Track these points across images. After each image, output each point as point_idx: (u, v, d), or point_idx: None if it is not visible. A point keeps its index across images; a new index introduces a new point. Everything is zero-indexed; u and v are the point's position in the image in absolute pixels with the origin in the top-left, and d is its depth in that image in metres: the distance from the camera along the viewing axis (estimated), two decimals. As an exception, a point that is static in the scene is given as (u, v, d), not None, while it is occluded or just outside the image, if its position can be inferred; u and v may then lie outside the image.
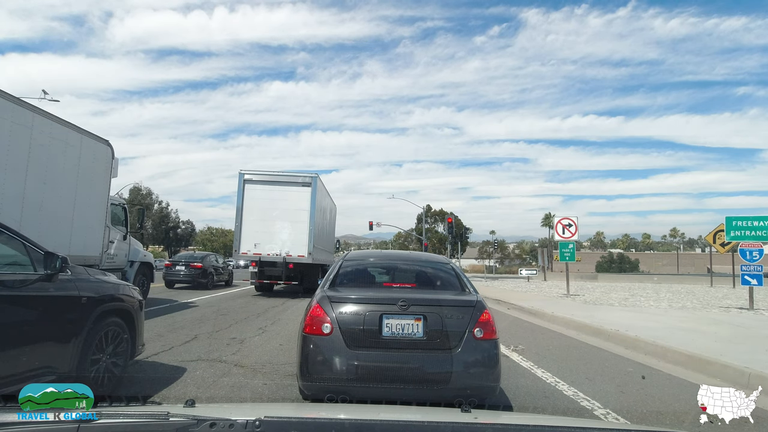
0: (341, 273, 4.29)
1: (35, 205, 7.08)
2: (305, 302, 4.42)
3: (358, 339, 3.39)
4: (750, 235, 11.39)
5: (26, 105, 7.22)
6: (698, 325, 8.73)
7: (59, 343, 3.39)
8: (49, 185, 7.48)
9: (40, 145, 7.24)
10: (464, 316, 3.52)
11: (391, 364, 3.35)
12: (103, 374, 3.76)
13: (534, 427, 1.67)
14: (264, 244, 14.26)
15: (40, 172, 7.26)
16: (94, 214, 9.00)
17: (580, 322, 8.84)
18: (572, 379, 4.89)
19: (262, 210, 14.43)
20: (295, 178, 14.94)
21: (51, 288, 3.35)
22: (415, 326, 3.44)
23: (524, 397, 4.22)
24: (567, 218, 15.46)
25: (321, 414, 1.94)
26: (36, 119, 7.28)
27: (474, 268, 60.26)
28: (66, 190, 8.01)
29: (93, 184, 9.01)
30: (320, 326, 3.43)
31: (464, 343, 3.40)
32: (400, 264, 4.95)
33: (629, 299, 14.91)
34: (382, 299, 3.62)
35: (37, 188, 7.18)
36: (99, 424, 1.35)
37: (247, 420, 1.38)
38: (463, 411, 1.76)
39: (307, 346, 3.44)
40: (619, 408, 3.90)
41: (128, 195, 51.20)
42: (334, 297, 3.61)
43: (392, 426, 1.63)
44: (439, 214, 62.56)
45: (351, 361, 3.33)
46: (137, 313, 4.28)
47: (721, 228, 24.44)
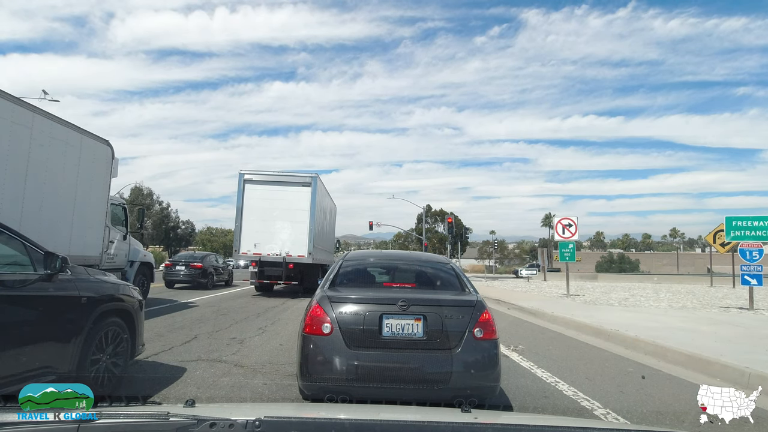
0: (341, 273, 4.26)
1: (35, 205, 7.10)
2: (305, 302, 4.34)
3: (358, 339, 3.37)
4: (750, 235, 11.38)
5: (26, 105, 7.20)
6: (698, 325, 8.74)
7: (59, 343, 3.38)
8: (49, 185, 7.49)
9: (40, 146, 7.24)
10: (464, 316, 3.49)
11: (391, 364, 3.33)
12: (103, 374, 3.75)
13: (534, 427, 1.67)
14: (264, 244, 14.18)
15: (40, 172, 7.26)
16: (94, 214, 9.01)
17: (580, 322, 8.85)
18: (572, 379, 4.89)
19: (262, 210, 14.33)
20: (295, 178, 14.86)
21: (51, 288, 3.35)
22: (415, 326, 3.42)
23: (524, 397, 4.22)
24: (567, 218, 15.46)
25: (321, 414, 1.95)
26: (36, 119, 7.27)
27: (474, 268, 60.26)
28: (66, 191, 8.03)
29: (93, 184, 9.01)
30: (320, 326, 3.41)
31: (464, 343, 3.38)
32: (400, 264, 4.94)
33: (629, 299, 14.91)
34: (381, 299, 3.60)
35: (37, 188, 7.19)
36: (99, 424, 1.35)
37: (247, 420, 1.38)
38: (463, 411, 1.76)
39: (307, 346, 3.43)
40: (619, 408, 3.90)
41: (129, 195, 51.14)
42: (334, 297, 3.59)
43: (392, 426, 1.63)
44: (439, 214, 62.59)
45: (351, 361, 3.31)
46: (137, 313, 4.28)
47: (721, 228, 24.40)
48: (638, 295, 16.91)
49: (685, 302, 13.98)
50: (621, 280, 33.24)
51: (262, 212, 14.33)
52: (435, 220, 63.49)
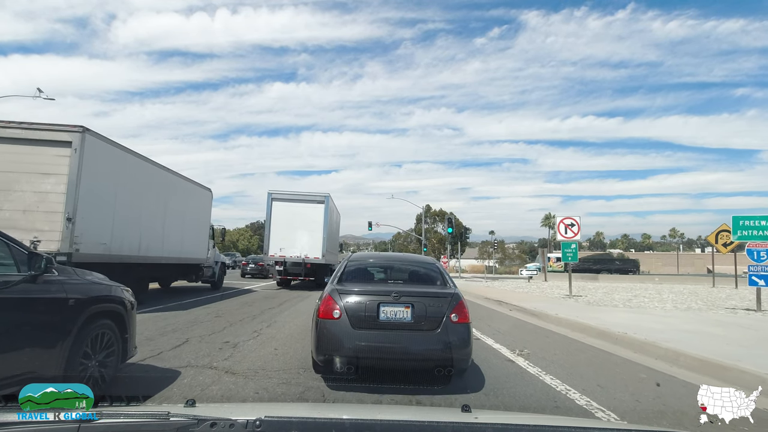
0: (347, 271, 5.08)
1: (173, 226, 12.72)
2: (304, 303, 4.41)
3: (361, 322, 4.20)
4: (757, 235, 11.12)
5: (169, 170, 12.61)
6: (706, 327, 8.48)
7: (44, 347, 3.24)
8: (179, 215, 13.26)
9: (174, 192, 12.96)
10: (443, 304, 4.33)
11: (386, 342, 4.16)
12: (93, 378, 3.62)
13: (534, 427, 1.65)
14: (288, 248, 17.87)
15: (175, 207, 12.86)
16: (203, 233, 15.50)
17: (586, 324, 8.59)
18: (583, 386, 4.62)
19: (285, 222, 18.07)
20: (311, 197, 18.67)
21: (35, 289, 3.23)
22: (405, 312, 4.24)
23: (534, 406, 3.96)
24: (569, 218, 15.20)
25: (322, 414, 1.95)
26: (175, 179, 13.03)
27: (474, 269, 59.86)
28: (190, 218, 14.10)
29: (201, 215, 15.37)
30: (331, 312, 4.25)
31: (443, 326, 4.21)
32: (395, 264, 5.99)
33: (633, 300, 14.66)
34: (379, 291, 4.44)
35: (174, 216, 12.80)
36: (99, 424, 1.35)
37: (248, 420, 1.38)
38: (463, 411, 1.75)
39: (321, 328, 4.25)
40: (638, 420, 3.65)
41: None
42: (341, 289, 4.44)
43: (392, 426, 1.62)
44: (438, 214, 62.27)
45: (355, 339, 4.13)
46: (129, 315, 4.15)
47: (723, 228, 24.30)
48: (641, 296, 16.65)
49: (690, 303, 13.72)
50: (622, 280, 32.96)
51: (286, 223, 18.06)
52: (434, 220, 63.19)
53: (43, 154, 8.56)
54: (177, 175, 13.14)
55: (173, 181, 12.90)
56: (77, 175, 8.51)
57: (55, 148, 8.58)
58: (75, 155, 8.55)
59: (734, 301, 14.48)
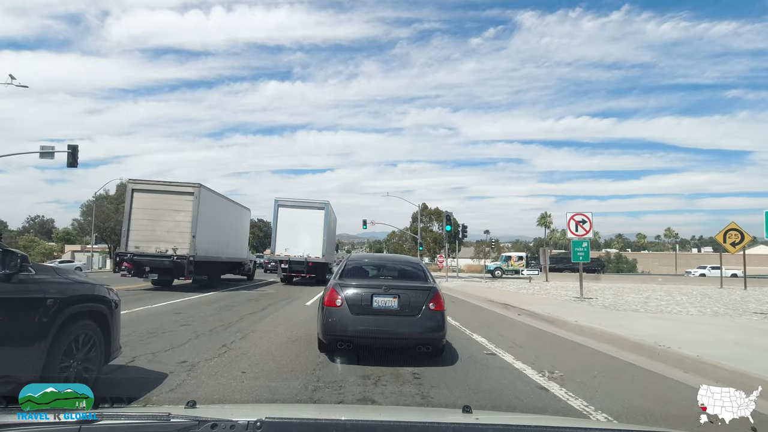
0: (346, 269, 6.20)
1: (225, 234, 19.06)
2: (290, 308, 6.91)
3: (358, 309, 5.33)
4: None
5: (223, 196, 19.19)
6: (754, 337, 7.35)
7: (19, 349, 3.10)
8: (230, 227, 19.89)
9: (224, 210, 18.92)
10: (423, 296, 5.45)
11: (378, 325, 5.35)
12: (74, 380, 3.43)
13: (534, 428, 1.66)
14: (292, 248, 20.42)
15: (226, 221, 19.14)
16: (244, 239, 23.41)
17: (613, 334, 7.44)
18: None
19: (290, 225, 20.77)
20: (313, 203, 21.64)
21: (10, 289, 3.10)
22: (393, 302, 5.37)
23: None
24: (580, 214, 14.07)
25: (322, 415, 1.96)
26: (225, 202, 19.40)
27: (470, 268, 58.45)
28: (235, 229, 20.95)
29: (243, 226, 23.19)
30: (334, 301, 5.37)
31: (422, 312, 5.35)
32: (386, 263, 7.53)
33: (648, 303, 13.55)
34: (372, 285, 5.60)
35: (225, 228, 19.08)
36: (100, 425, 1.35)
37: (249, 421, 1.38)
38: (464, 411, 1.74)
39: (326, 313, 5.37)
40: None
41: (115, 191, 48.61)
42: (342, 283, 5.59)
43: (393, 427, 1.61)
44: (434, 213, 61.20)
45: (353, 323, 5.28)
46: (112, 315, 4.02)
47: (732, 227, 23.39)
48: (653, 298, 15.57)
49: (712, 307, 12.62)
50: (624, 280, 31.99)
51: (290, 226, 20.74)
52: (430, 219, 62.11)
53: (178, 200, 15.68)
54: (233, 202, 20.95)
55: (232, 206, 20.58)
56: (197, 211, 15.61)
57: (184, 196, 15.74)
58: (195, 200, 15.68)
59: (753, 304, 13.42)
